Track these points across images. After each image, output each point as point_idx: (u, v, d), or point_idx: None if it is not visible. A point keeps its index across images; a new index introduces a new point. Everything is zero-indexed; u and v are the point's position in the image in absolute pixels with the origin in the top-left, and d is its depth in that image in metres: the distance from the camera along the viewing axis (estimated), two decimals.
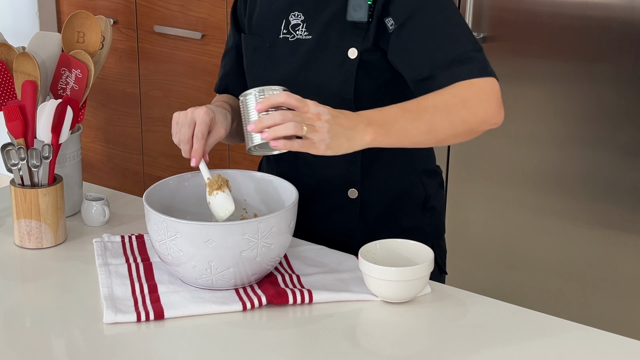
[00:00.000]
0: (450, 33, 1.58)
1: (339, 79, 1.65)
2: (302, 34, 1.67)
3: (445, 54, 1.56)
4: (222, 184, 1.55)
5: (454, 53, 1.55)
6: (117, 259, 1.62)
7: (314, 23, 1.66)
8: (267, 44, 1.71)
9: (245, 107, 1.48)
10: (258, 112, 1.44)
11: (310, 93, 1.62)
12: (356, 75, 1.64)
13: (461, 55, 1.55)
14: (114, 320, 1.43)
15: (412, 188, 1.77)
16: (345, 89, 1.64)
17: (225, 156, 3.41)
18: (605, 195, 2.66)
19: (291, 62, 1.68)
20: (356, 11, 1.62)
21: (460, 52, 1.55)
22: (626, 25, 2.52)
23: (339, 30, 1.64)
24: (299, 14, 1.68)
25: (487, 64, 1.56)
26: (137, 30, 3.52)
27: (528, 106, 2.72)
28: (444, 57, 1.55)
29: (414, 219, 1.78)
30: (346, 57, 1.64)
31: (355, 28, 1.63)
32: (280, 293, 1.49)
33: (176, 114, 1.57)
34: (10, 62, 1.75)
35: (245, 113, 1.48)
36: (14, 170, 1.67)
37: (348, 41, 1.64)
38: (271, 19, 1.71)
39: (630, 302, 2.69)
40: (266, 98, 1.44)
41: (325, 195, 1.74)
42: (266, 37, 1.72)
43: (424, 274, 1.48)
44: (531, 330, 1.44)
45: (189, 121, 1.54)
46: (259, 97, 1.46)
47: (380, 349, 1.40)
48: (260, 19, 1.73)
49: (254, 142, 1.46)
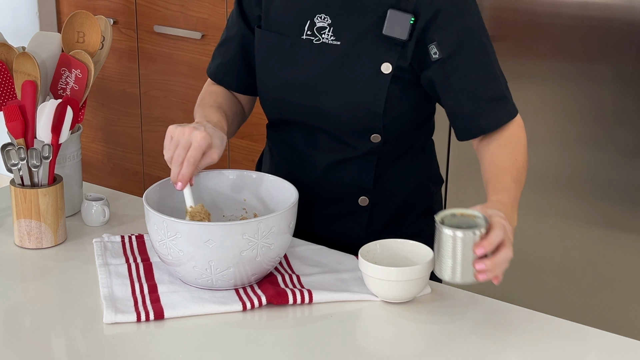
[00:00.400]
0: (490, 70, 1.63)
1: (370, 92, 1.62)
2: (328, 37, 1.63)
3: (486, 92, 1.62)
4: (204, 218, 1.54)
5: (492, 91, 1.62)
6: (117, 259, 1.62)
7: (343, 29, 1.62)
8: (286, 43, 1.66)
9: (460, 243, 1.38)
10: (475, 253, 1.37)
11: (335, 100, 1.63)
12: (387, 90, 1.62)
13: (498, 94, 1.63)
14: (114, 320, 1.43)
15: (418, 194, 1.77)
16: (376, 102, 1.62)
17: (225, 156, 3.41)
18: (605, 195, 2.66)
19: (316, 66, 1.64)
20: (395, 27, 1.59)
21: (497, 90, 1.63)
22: (626, 25, 2.52)
23: (372, 41, 1.61)
24: (325, 16, 1.63)
25: (512, 100, 1.66)
26: (137, 30, 3.52)
27: (528, 106, 2.71)
28: (485, 95, 1.62)
29: (418, 223, 1.78)
30: (379, 70, 1.61)
31: (391, 43, 1.60)
32: (280, 293, 1.49)
33: (172, 127, 1.53)
34: (10, 62, 1.75)
35: (455, 248, 1.39)
36: (14, 170, 1.67)
37: (382, 55, 1.61)
38: (293, 18, 1.66)
39: (630, 302, 2.69)
40: (489, 241, 1.36)
41: (335, 201, 1.73)
42: (286, 36, 1.66)
43: (423, 274, 1.48)
44: (531, 330, 1.44)
45: (185, 143, 1.51)
46: (477, 238, 1.37)
47: (380, 349, 1.40)
48: (280, 15, 1.68)
49: (466, 280, 1.40)
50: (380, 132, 1.65)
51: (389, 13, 1.59)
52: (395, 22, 1.59)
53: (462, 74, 1.61)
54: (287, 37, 1.66)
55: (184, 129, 1.52)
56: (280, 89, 1.68)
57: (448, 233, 1.38)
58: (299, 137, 1.72)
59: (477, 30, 1.61)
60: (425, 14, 1.58)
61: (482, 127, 1.63)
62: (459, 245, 1.38)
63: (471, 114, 1.62)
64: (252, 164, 3.29)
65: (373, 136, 1.66)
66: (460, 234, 1.37)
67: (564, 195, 2.73)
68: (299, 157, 1.73)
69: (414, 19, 1.59)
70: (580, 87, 2.63)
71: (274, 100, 1.71)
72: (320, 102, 1.65)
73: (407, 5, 1.59)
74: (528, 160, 1.64)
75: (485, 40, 1.62)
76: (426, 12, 1.58)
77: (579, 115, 2.66)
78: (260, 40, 1.70)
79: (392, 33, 1.59)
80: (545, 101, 2.70)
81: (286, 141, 1.75)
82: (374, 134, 1.65)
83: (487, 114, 1.62)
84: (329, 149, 1.69)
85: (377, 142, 1.66)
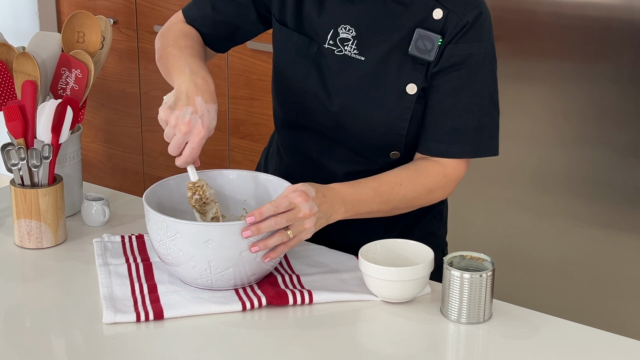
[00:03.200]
0: (475, 102, 1.59)
1: (394, 113, 1.60)
2: (351, 50, 1.60)
3: (452, 122, 1.59)
4: (203, 195, 1.56)
5: (458, 123, 1.59)
6: (117, 259, 1.62)
7: (368, 44, 1.59)
8: (314, 49, 1.63)
9: (467, 285, 1.43)
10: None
11: (357, 118, 1.61)
12: (411, 111, 1.60)
13: (461, 129, 1.59)
14: (113, 320, 1.43)
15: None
16: (400, 124, 1.61)
17: (225, 156, 3.41)
18: (605, 195, 2.66)
19: (340, 79, 1.61)
20: (423, 48, 1.56)
21: (463, 125, 1.59)
22: (626, 25, 2.52)
23: (398, 61, 1.58)
24: (351, 28, 1.60)
25: (478, 144, 1.61)
26: (137, 30, 3.52)
27: (528, 106, 2.72)
28: (449, 123, 1.59)
29: (429, 224, 1.79)
30: (404, 92, 1.59)
31: (416, 63, 1.57)
32: (280, 294, 1.49)
33: (167, 111, 1.49)
34: (10, 62, 1.75)
35: (462, 289, 1.43)
36: (14, 170, 1.67)
37: (408, 76, 1.58)
38: (318, 24, 1.62)
39: (630, 302, 2.69)
40: (259, 211, 1.43)
41: None
42: (314, 41, 1.63)
43: (423, 274, 1.48)
44: (531, 330, 1.44)
45: (182, 141, 1.49)
46: (483, 280, 1.43)
47: (380, 349, 1.40)
48: (310, 20, 1.63)
49: (472, 320, 1.44)
50: (401, 150, 1.64)
51: (417, 32, 1.56)
52: (423, 42, 1.55)
53: (441, 92, 1.58)
54: (315, 42, 1.63)
55: (178, 124, 1.48)
56: (302, 95, 1.65)
57: (456, 275, 1.43)
58: (314, 144, 1.70)
59: (479, 61, 1.58)
60: (449, 35, 1.56)
61: (430, 148, 1.61)
62: (465, 287, 1.43)
63: (432, 133, 1.61)
64: (252, 164, 3.29)
65: (392, 153, 1.65)
66: (467, 275, 1.42)
67: (564, 195, 2.73)
68: (313, 164, 1.71)
69: (441, 39, 1.55)
70: (580, 87, 2.63)
71: (294, 103, 1.67)
72: (341, 117, 1.63)
73: (435, 25, 1.56)
74: (425, 205, 1.65)
75: (482, 72, 1.59)
76: (450, 33, 1.56)
77: (579, 115, 2.66)
78: (287, 39, 1.65)
79: (418, 53, 1.56)
80: (545, 101, 2.70)
81: (300, 146, 1.73)
82: (393, 151, 1.64)
83: (441, 144, 1.60)
84: (346, 160, 1.68)
85: (396, 158, 1.65)
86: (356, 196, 1.55)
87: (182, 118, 1.48)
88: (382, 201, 1.58)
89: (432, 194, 1.63)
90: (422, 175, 1.61)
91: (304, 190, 1.47)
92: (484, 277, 1.42)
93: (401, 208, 1.62)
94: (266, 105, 3.21)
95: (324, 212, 1.50)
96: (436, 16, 1.56)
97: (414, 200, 1.62)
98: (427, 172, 1.61)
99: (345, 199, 1.54)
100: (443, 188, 1.64)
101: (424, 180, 1.61)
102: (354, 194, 1.55)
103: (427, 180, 1.61)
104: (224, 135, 3.35)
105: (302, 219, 1.47)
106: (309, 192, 1.48)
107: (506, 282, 2.88)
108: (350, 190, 1.55)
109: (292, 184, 1.51)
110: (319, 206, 1.49)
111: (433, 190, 1.63)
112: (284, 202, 1.45)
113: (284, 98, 1.70)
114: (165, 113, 1.50)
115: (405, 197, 1.60)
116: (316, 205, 1.48)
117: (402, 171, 1.61)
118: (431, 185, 1.62)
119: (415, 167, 1.62)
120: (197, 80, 1.52)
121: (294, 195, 1.46)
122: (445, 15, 1.55)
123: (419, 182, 1.60)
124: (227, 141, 3.36)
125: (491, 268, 1.44)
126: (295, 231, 1.47)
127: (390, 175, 1.60)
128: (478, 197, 2.86)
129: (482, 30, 1.57)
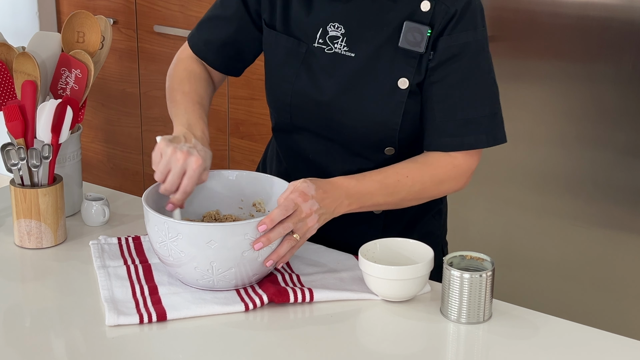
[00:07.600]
0: (475, 92, 1.59)
1: (386, 109, 1.60)
2: (341, 48, 1.60)
3: (463, 112, 1.58)
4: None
5: (470, 114, 1.58)
6: (115, 260, 1.62)
7: (357, 40, 1.60)
8: (302, 50, 1.63)
9: (467, 285, 1.44)
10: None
11: (350, 115, 1.61)
12: (404, 106, 1.60)
13: (475, 119, 1.58)
14: (116, 322, 1.42)
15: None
16: (393, 119, 1.60)
17: (225, 156, 3.41)
18: (605, 195, 2.66)
19: (331, 77, 1.61)
20: (412, 40, 1.56)
21: (476, 114, 1.59)
22: (626, 25, 2.52)
23: (389, 55, 1.58)
24: (339, 26, 1.60)
25: (494, 131, 1.60)
26: (137, 30, 3.52)
27: (528, 106, 2.72)
28: (460, 115, 1.58)
29: (428, 224, 1.78)
30: (396, 86, 1.59)
31: (407, 57, 1.58)
32: (281, 291, 1.49)
33: (163, 145, 1.51)
34: (10, 62, 1.75)
35: (462, 289, 1.44)
36: (14, 170, 1.67)
37: (399, 70, 1.58)
38: (307, 24, 1.63)
39: (630, 302, 2.69)
40: (270, 218, 1.45)
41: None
42: (302, 42, 1.64)
43: (423, 273, 1.48)
44: (531, 330, 1.44)
45: (179, 170, 1.50)
46: (483, 280, 1.43)
47: (380, 348, 1.40)
48: (298, 21, 1.64)
49: (472, 320, 1.44)
50: (395, 146, 1.64)
51: (405, 25, 1.56)
52: (412, 34, 1.56)
53: (447, 87, 1.58)
54: (303, 43, 1.63)
55: (176, 152, 1.50)
56: (294, 96, 1.65)
57: (456, 275, 1.43)
58: (310, 145, 1.70)
59: (477, 49, 1.58)
60: (438, 26, 1.56)
61: (444, 144, 1.60)
62: (465, 287, 1.43)
63: (437, 130, 1.60)
64: (252, 163, 3.29)
65: (387, 149, 1.65)
66: (467, 275, 1.42)
67: (564, 195, 2.73)
68: (310, 165, 1.71)
69: (430, 30, 1.56)
70: (580, 87, 2.63)
71: (286, 105, 1.68)
72: (334, 115, 1.63)
73: (424, 16, 1.56)
74: (437, 197, 1.65)
75: (482, 60, 1.59)
76: (439, 24, 1.56)
77: (579, 115, 2.66)
78: (278, 44, 1.66)
79: (409, 46, 1.57)
80: (545, 101, 2.70)
81: (296, 148, 1.73)
82: (388, 147, 1.64)
83: (449, 138, 1.60)
84: (341, 159, 1.68)
85: (390, 155, 1.66)
86: (360, 189, 1.56)
87: (180, 148, 1.51)
88: (388, 193, 1.58)
89: (442, 185, 1.63)
90: (430, 166, 1.61)
91: (302, 190, 1.48)
92: (483, 277, 1.43)
93: (410, 200, 1.62)
94: (266, 105, 3.18)
95: (326, 207, 1.51)
96: (424, 8, 1.57)
97: (422, 192, 1.61)
98: (435, 164, 1.61)
99: (348, 192, 1.54)
100: (454, 179, 1.63)
101: (432, 172, 1.61)
102: (357, 187, 1.55)
103: (436, 172, 1.61)
104: (224, 135, 3.35)
105: (305, 219, 1.48)
106: (309, 191, 1.49)
107: (506, 282, 2.88)
108: (354, 183, 1.56)
109: (293, 181, 1.51)
110: (320, 202, 1.49)
111: (443, 182, 1.62)
112: (290, 204, 1.46)
113: (276, 101, 1.71)
114: (164, 142, 1.51)
115: (412, 189, 1.60)
116: (317, 202, 1.49)
117: (409, 163, 1.61)
118: (440, 177, 1.62)
119: (423, 159, 1.62)
120: (197, 133, 1.58)
121: (295, 196, 1.47)
122: (433, 7, 1.56)
123: (426, 173, 1.61)
124: (227, 141, 3.36)
125: (491, 268, 1.45)
126: (300, 232, 1.48)
127: (397, 167, 1.60)
128: (478, 196, 2.86)
129: (475, 18, 1.58)
